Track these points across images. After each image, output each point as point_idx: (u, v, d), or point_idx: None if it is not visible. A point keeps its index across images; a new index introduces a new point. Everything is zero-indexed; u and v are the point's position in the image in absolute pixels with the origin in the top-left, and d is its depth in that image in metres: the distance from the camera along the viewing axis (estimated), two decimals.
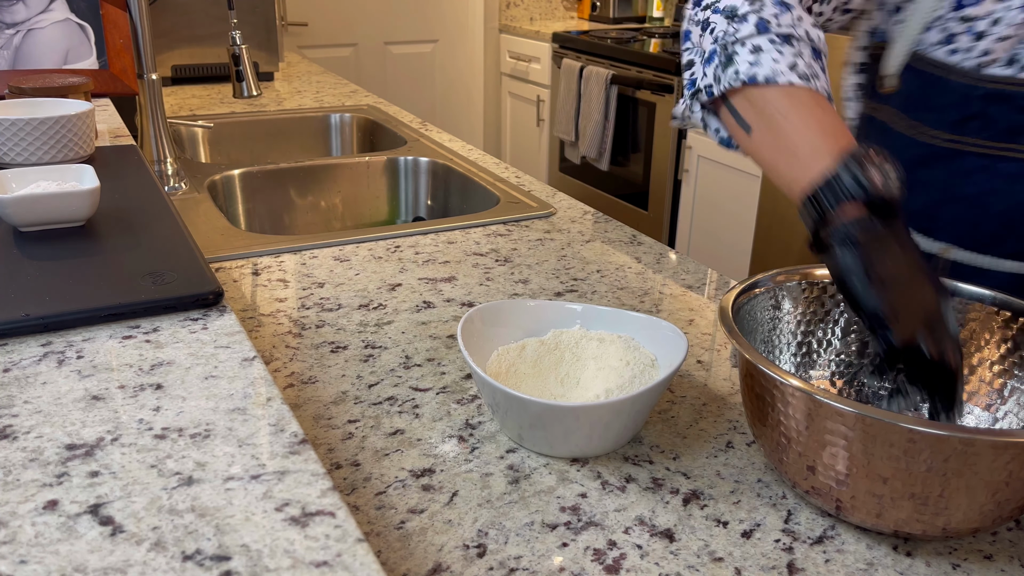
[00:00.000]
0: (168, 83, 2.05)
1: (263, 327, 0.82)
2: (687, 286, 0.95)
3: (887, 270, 0.55)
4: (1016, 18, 0.70)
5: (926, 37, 0.75)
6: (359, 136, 1.83)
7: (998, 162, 0.73)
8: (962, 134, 0.74)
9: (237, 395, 0.57)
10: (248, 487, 0.47)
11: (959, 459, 0.49)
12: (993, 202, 0.74)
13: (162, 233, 0.81)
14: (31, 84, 1.18)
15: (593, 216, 1.16)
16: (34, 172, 0.86)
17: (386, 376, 0.73)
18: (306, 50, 3.35)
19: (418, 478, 0.60)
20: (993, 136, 0.73)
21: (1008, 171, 0.73)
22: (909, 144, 0.78)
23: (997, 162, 0.73)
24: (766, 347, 0.67)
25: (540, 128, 3.53)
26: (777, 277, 0.67)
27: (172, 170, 1.32)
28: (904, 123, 0.78)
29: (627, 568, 0.52)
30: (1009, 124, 0.72)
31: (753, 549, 0.54)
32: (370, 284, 0.92)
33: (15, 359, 0.60)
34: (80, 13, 1.55)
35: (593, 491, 0.59)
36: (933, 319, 0.54)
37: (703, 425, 0.68)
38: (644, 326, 0.70)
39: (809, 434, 0.53)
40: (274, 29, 2.16)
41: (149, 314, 0.67)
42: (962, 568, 0.54)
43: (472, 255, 1.01)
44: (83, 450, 0.50)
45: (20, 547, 0.42)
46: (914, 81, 0.77)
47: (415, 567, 0.51)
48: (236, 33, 1.43)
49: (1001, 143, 0.73)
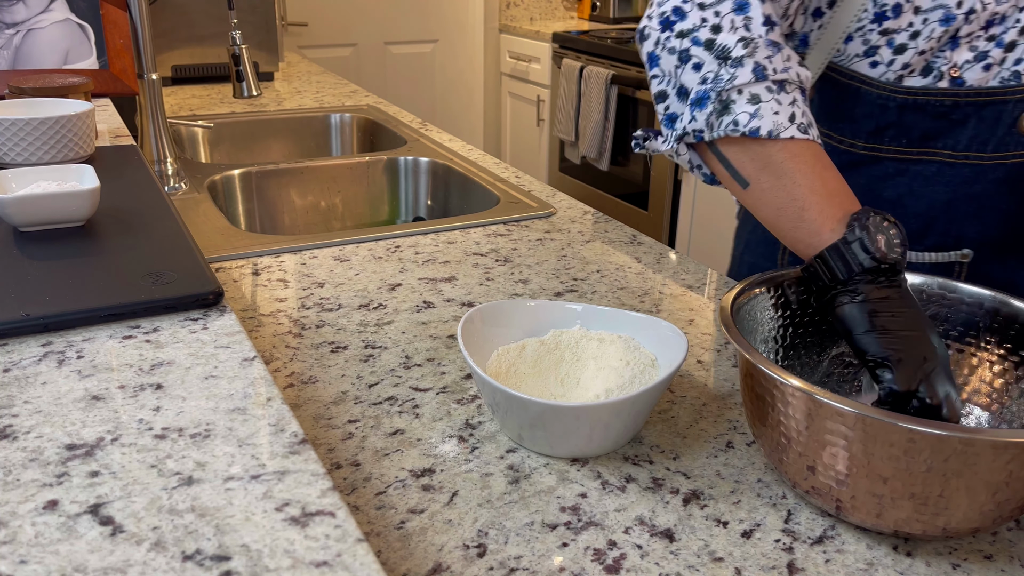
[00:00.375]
0: (168, 83, 2.05)
1: (263, 327, 0.82)
2: (687, 286, 0.95)
3: (891, 322, 0.58)
4: (935, 32, 0.73)
5: (847, 48, 0.77)
6: (359, 136, 1.83)
7: (913, 165, 0.78)
8: (879, 142, 0.79)
9: (237, 395, 0.57)
10: (248, 487, 0.47)
11: (959, 459, 0.49)
12: (911, 203, 0.79)
13: (162, 233, 0.81)
14: (31, 84, 1.18)
15: (593, 216, 1.16)
16: (34, 172, 0.86)
17: (386, 376, 0.73)
18: (306, 50, 3.35)
19: (418, 478, 0.60)
20: (909, 143, 0.77)
21: (924, 173, 0.78)
22: (829, 152, 0.80)
23: (913, 165, 0.78)
24: (766, 347, 0.67)
25: (540, 128, 3.53)
26: (777, 277, 0.67)
27: (172, 170, 1.32)
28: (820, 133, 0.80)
29: (627, 568, 0.52)
30: (923, 131, 0.76)
31: (753, 549, 0.54)
32: (370, 284, 0.92)
33: (15, 359, 0.60)
34: (80, 13, 1.56)
35: (593, 491, 0.59)
36: (934, 370, 0.56)
37: (703, 425, 0.68)
38: (644, 326, 0.70)
39: (809, 434, 0.53)
40: (274, 29, 2.16)
41: (149, 314, 0.67)
42: (962, 568, 0.54)
43: (472, 255, 1.01)
44: (83, 450, 0.50)
45: (20, 547, 0.42)
46: (830, 92, 0.80)
47: (415, 567, 0.51)
48: (236, 33, 1.43)
49: (916, 148, 0.77)
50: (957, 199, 0.78)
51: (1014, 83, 0.73)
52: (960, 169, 0.77)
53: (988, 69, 0.74)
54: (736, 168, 0.66)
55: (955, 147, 0.76)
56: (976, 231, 0.79)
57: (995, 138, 0.75)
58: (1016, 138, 0.74)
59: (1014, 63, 0.73)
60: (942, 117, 0.76)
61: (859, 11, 0.75)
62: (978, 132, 0.75)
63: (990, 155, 0.75)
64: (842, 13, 0.77)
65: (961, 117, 0.75)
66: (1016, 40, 0.73)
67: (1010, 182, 0.76)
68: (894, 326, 0.57)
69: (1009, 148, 0.74)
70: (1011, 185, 0.76)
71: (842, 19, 0.77)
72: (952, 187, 0.77)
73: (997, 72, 0.74)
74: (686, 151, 0.71)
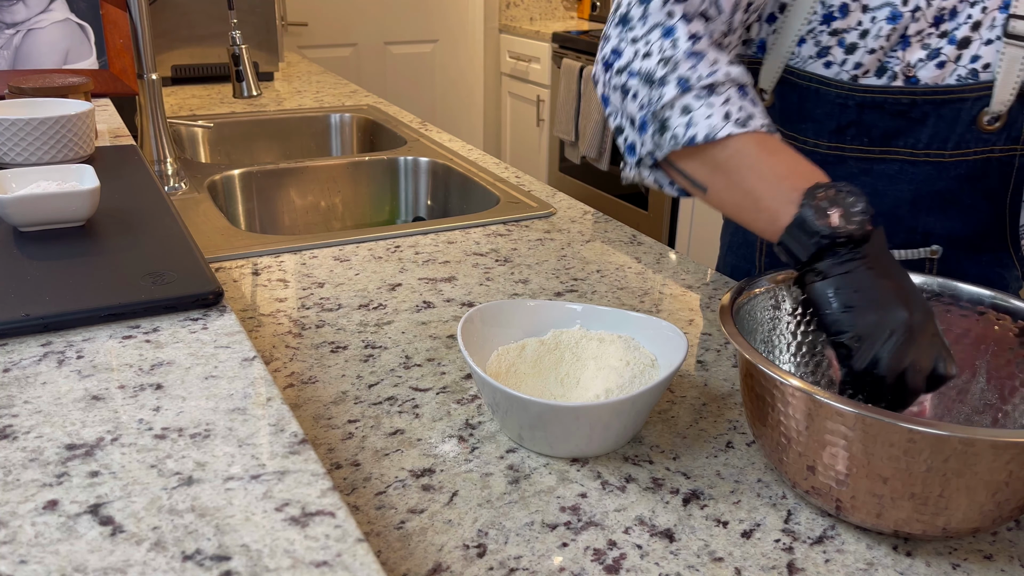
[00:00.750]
0: (168, 83, 2.05)
1: (263, 327, 0.82)
2: (687, 286, 0.95)
3: (852, 298, 0.57)
4: (883, 30, 0.74)
5: (801, 51, 0.79)
6: (359, 136, 1.83)
7: (877, 164, 0.79)
8: (841, 141, 0.79)
9: (237, 395, 0.57)
10: (248, 487, 0.47)
11: (959, 459, 0.49)
12: (876, 202, 0.78)
13: (162, 233, 0.81)
14: (31, 84, 1.18)
15: (593, 216, 1.16)
16: (34, 172, 0.86)
17: (386, 376, 0.73)
18: (306, 50, 3.35)
19: (418, 478, 0.60)
20: (870, 142, 0.78)
21: (887, 172, 0.79)
22: None
23: (876, 164, 0.79)
24: (766, 347, 0.67)
25: (540, 128, 3.53)
26: (777, 277, 0.67)
27: (172, 170, 1.32)
28: (783, 135, 0.81)
29: (627, 568, 0.52)
30: (884, 130, 0.77)
31: (753, 549, 0.54)
32: (370, 284, 0.92)
33: (15, 359, 0.60)
34: (80, 13, 1.56)
35: (593, 491, 0.59)
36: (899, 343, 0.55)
37: (703, 425, 0.68)
38: (644, 326, 0.70)
39: (809, 434, 0.53)
40: (274, 29, 2.16)
41: (149, 314, 0.67)
42: (962, 568, 0.54)
43: (472, 255, 1.01)
44: (83, 450, 0.50)
45: (20, 547, 0.42)
46: (790, 95, 0.81)
47: (415, 567, 0.51)
48: (236, 33, 1.44)
49: (878, 147, 0.78)
50: (921, 196, 0.78)
51: (971, 81, 0.73)
52: (922, 167, 0.77)
53: (942, 67, 0.74)
54: (692, 177, 0.68)
55: (916, 145, 0.77)
56: (943, 228, 0.80)
57: (955, 136, 0.75)
58: (976, 135, 0.74)
59: (970, 60, 0.73)
60: (901, 116, 0.76)
61: (809, 13, 0.77)
62: (938, 130, 0.76)
63: (951, 152, 0.75)
64: (793, 16, 0.78)
65: (920, 116, 0.76)
66: (969, 36, 0.73)
67: (972, 179, 0.76)
68: (855, 302, 0.57)
69: (970, 145, 0.74)
70: (973, 182, 0.76)
71: (793, 22, 0.78)
72: (916, 185, 0.78)
73: (953, 70, 0.74)
74: (649, 173, 0.72)
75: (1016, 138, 0.73)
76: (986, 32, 0.72)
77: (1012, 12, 0.71)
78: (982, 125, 0.73)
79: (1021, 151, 0.74)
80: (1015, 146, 0.74)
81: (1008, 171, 0.75)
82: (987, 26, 0.72)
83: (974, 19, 0.73)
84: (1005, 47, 0.71)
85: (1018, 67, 0.71)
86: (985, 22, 0.72)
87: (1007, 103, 0.72)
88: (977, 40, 0.72)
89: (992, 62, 0.72)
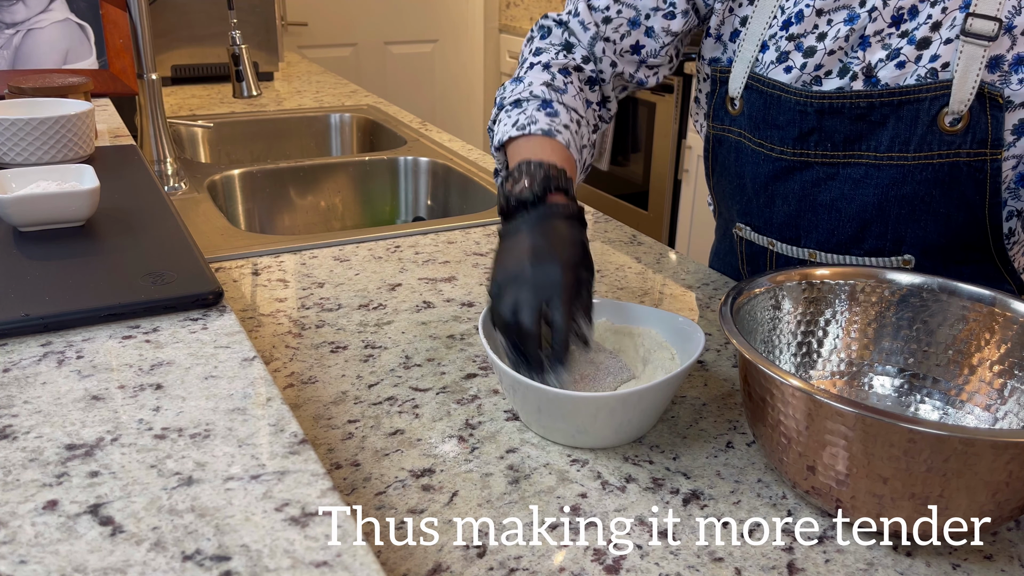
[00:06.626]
0: (168, 83, 2.04)
1: (263, 327, 0.82)
2: (687, 286, 0.95)
3: (502, 257, 0.66)
4: (841, 31, 0.76)
5: (763, 57, 0.82)
6: (359, 136, 1.83)
7: (842, 169, 0.80)
8: (805, 147, 0.81)
9: (237, 395, 0.57)
10: (248, 487, 0.47)
11: (959, 459, 0.49)
12: (844, 207, 0.80)
13: (162, 233, 0.81)
14: (31, 84, 1.18)
15: (593, 216, 1.16)
16: (34, 172, 0.86)
17: (386, 376, 0.73)
18: (306, 50, 3.35)
19: (418, 478, 0.60)
20: (833, 147, 0.79)
21: (852, 176, 0.79)
22: (763, 160, 0.84)
23: (841, 169, 0.80)
24: (766, 347, 0.67)
25: None
26: (777, 277, 0.68)
27: (172, 170, 1.32)
28: (753, 142, 0.84)
29: (627, 568, 0.52)
30: (845, 134, 0.78)
31: (753, 549, 0.54)
32: (370, 284, 0.92)
33: (15, 359, 0.60)
34: (80, 13, 1.56)
35: (593, 491, 0.59)
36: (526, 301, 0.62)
37: (703, 425, 0.68)
38: (662, 320, 0.72)
39: (809, 434, 0.53)
40: (274, 29, 2.16)
41: (149, 314, 0.67)
42: (962, 568, 0.54)
43: (472, 255, 1.01)
44: (83, 450, 0.50)
45: (20, 547, 0.42)
46: (756, 102, 0.83)
47: (415, 567, 0.51)
48: (236, 33, 1.43)
49: (841, 152, 0.79)
50: (888, 201, 0.78)
51: (931, 80, 0.73)
52: (887, 170, 0.77)
53: (902, 67, 0.74)
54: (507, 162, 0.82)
55: (878, 148, 0.77)
56: (916, 235, 0.79)
57: (916, 137, 0.75)
58: (939, 137, 0.74)
59: (929, 60, 0.73)
60: (861, 119, 0.77)
61: (769, 18, 0.81)
62: (898, 132, 0.76)
63: (914, 155, 0.75)
64: (755, 23, 0.82)
65: (879, 118, 0.76)
66: (929, 36, 0.73)
67: (942, 184, 0.75)
68: (502, 260, 0.66)
69: (933, 148, 0.74)
70: (944, 188, 0.76)
71: (755, 28, 0.82)
72: (881, 189, 0.78)
73: (913, 70, 0.74)
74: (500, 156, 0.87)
75: (983, 141, 0.73)
76: (946, 32, 0.72)
77: (972, 11, 0.71)
78: (944, 126, 0.73)
79: (991, 157, 0.73)
80: (982, 150, 0.73)
81: (981, 178, 0.74)
82: (947, 26, 0.72)
83: (934, 19, 0.73)
84: (963, 45, 0.71)
85: (976, 66, 0.71)
86: (945, 22, 0.72)
87: (966, 102, 0.72)
88: (937, 40, 0.73)
89: (951, 61, 0.72)
